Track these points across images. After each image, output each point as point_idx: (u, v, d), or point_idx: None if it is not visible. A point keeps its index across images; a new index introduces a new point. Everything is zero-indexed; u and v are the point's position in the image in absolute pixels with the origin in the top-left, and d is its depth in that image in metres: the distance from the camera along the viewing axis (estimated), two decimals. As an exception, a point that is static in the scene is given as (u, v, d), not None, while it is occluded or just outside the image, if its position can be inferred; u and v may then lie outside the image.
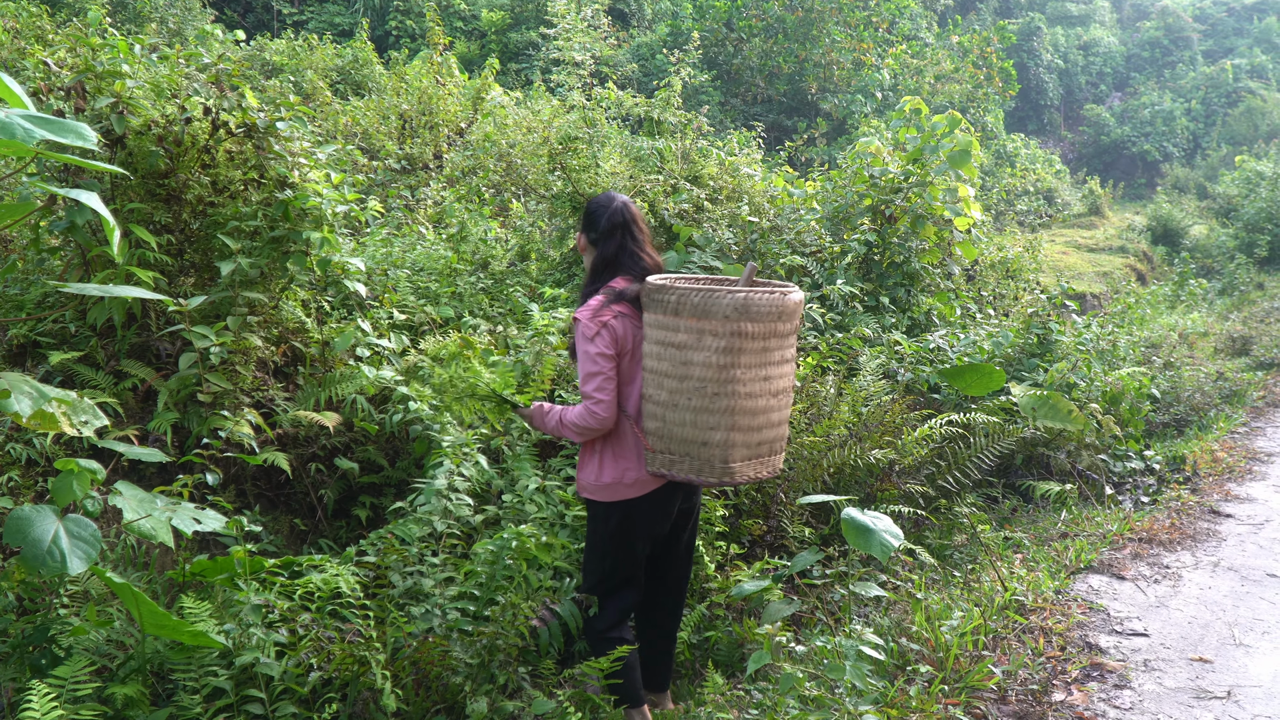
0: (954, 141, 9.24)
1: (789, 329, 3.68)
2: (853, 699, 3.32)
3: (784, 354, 3.71)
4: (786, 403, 3.80)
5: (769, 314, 3.55)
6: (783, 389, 3.74)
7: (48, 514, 2.98)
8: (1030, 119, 39.43)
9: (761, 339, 3.58)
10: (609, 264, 3.93)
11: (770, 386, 3.66)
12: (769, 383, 3.65)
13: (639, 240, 3.95)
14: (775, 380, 3.68)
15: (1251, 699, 3.84)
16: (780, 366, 3.69)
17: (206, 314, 5.12)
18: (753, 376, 3.59)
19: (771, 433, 3.74)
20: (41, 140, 2.28)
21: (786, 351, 3.72)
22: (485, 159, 11.39)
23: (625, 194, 8.62)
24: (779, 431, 3.79)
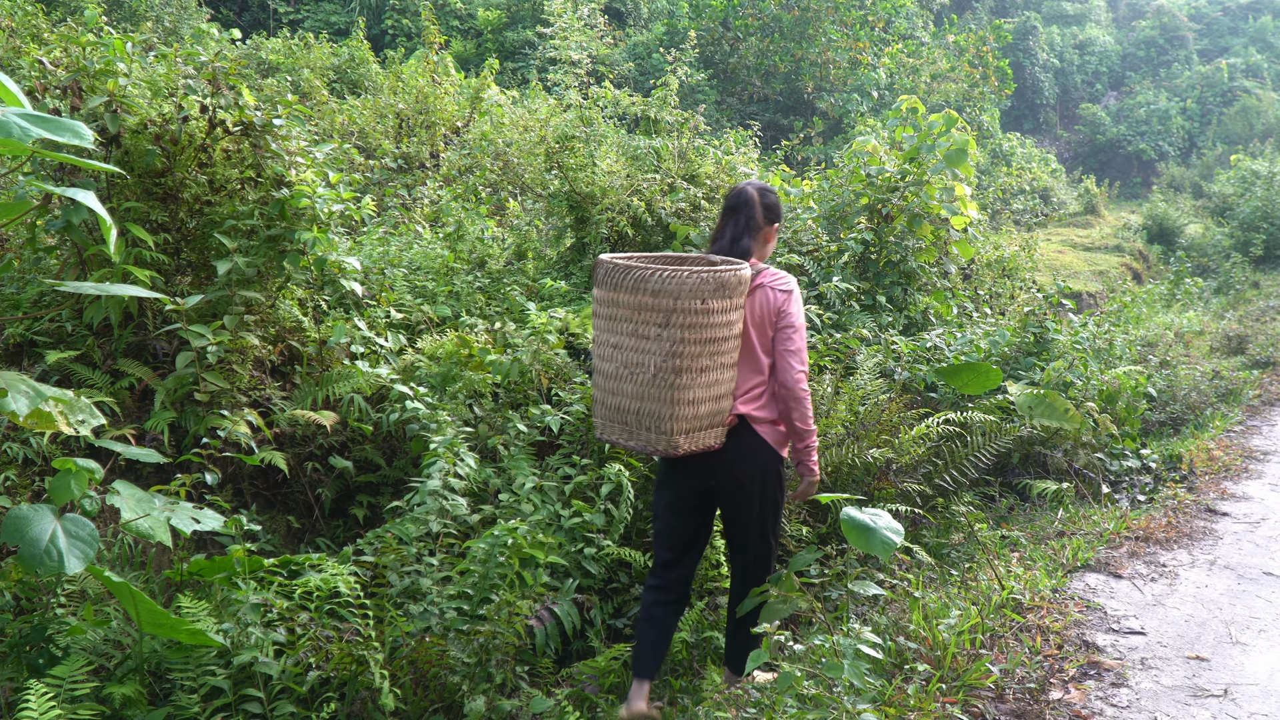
0: (950, 140, 9.24)
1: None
2: (851, 697, 3.32)
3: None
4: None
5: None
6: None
7: (45, 513, 2.98)
8: (1026, 118, 39.47)
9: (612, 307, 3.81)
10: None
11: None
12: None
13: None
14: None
15: (1248, 697, 3.85)
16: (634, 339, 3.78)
17: (203, 313, 5.12)
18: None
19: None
20: (38, 139, 2.28)
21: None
22: (482, 158, 11.38)
23: (622, 193, 8.64)
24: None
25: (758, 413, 3.93)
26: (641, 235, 8.93)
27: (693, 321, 3.64)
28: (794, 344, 3.89)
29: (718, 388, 3.80)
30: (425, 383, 5.71)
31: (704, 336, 3.69)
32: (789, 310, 3.91)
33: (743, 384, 3.93)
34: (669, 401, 3.67)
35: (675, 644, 4.59)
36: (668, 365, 3.65)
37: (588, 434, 5.72)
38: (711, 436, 3.83)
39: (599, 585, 4.98)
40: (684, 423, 3.71)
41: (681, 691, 4.33)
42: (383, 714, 3.55)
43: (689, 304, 3.62)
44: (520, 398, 6.03)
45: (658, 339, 3.67)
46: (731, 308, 3.75)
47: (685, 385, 3.68)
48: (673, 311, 3.62)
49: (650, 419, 3.73)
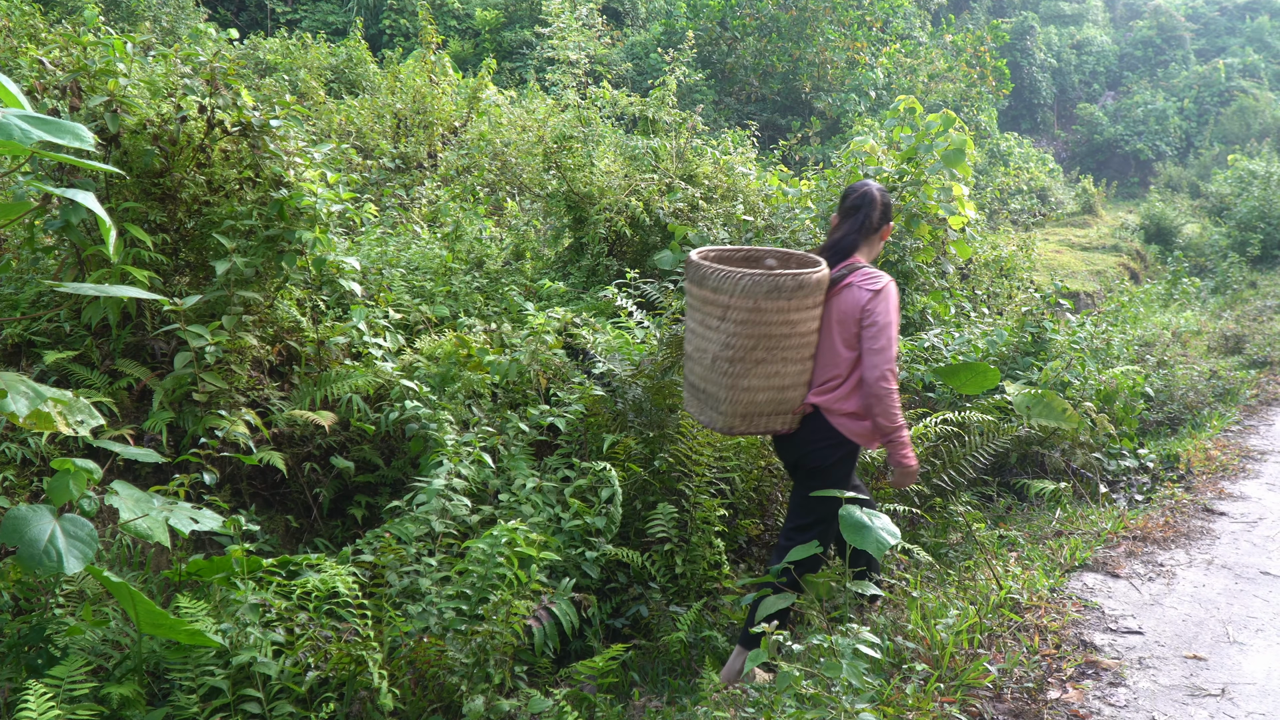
0: (948, 140, 9.24)
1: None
2: (849, 697, 3.32)
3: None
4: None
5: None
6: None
7: (44, 514, 2.98)
8: (1024, 118, 39.50)
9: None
10: None
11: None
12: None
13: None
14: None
15: (1246, 696, 3.86)
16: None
17: (201, 313, 5.12)
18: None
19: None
20: (39, 140, 2.28)
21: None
22: (480, 158, 11.38)
23: (620, 193, 8.64)
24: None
25: (833, 405, 4.14)
26: (639, 235, 8.94)
27: (745, 318, 3.97)
28: (878, 342, 4.04)
29: (779, 379, 4.08)
30: (424, 383, 5.72)
31: (758, 332, 3.99)
32: (874, 309, 4.06)
33: (819, 376, 4.18)
34: (725, 387, 4.06)
35: (673, 643, 4.59)
36: (723, 355, 4.03)
37: (586, 434, 5.72)
38: (777, 422, 4.17)
39: (597, 585, 4.99)
40: (740, 407, 4.07)
41: (680, 691, 4.34)
42: (381, 714, 3.55)
43: (741, 303, 3.95)
44: (519, 398, 6.03)
45: (716, 330, 4.05)
46: (791, 309, 4.00)
47: (740, 374, 4.03)
48: (728, 308, 3.98)
49: (712, 399, 4.14)
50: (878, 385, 4.02)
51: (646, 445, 5.59)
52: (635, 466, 5.39)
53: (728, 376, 4.04)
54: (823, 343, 4.16)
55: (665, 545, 5.10)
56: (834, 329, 4.12)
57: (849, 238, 4.30)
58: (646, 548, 5.19)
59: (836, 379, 4.14)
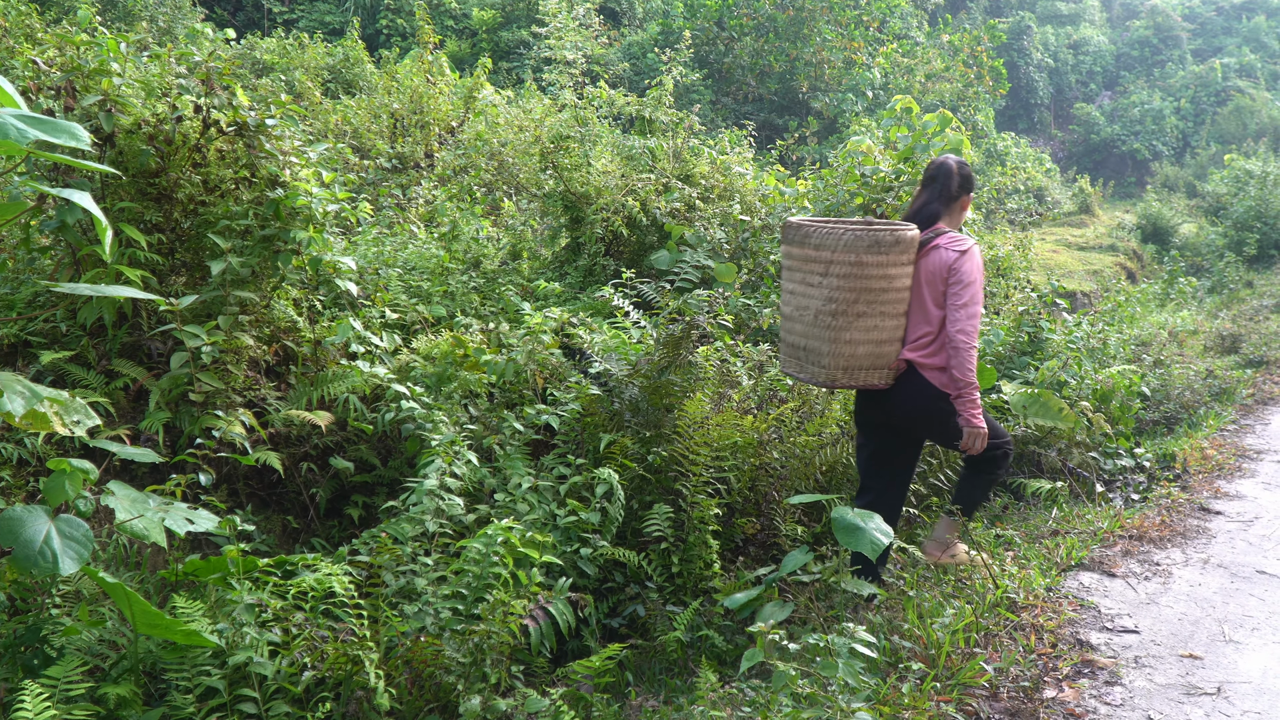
0: (945, 140, 9.24)
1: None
2: (845, 696, 3.32)
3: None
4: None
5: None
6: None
7: (40, 514, 2.98)
8: (1020, 118, 39.51)
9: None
10: None
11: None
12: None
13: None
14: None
15: (1241, 695, 3.86)
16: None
17: (198, 313, 5.11)
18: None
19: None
20: (34, 140, 2.28)
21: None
22: (477, 158, 11.38)
23: (617, 193, 8.64)
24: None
25: (925, 359, 4.43)
26: (636, 235, 8.95)
27: (847, 272, 4.27)
28: (961, 299, 4.33)
29: (877, 333, 4.38)
30: (420, 383, 5.71)
31: (858, 286, 4.30)
32: (960, 268, 4.35)
33: (912, 333, 4.48)
34: (828, 340, 4.36)
35: (670, 643, 4.60)
36: (825, 309, 4.33)
37: (583, 434, 5.72)
38: (875, 376, 4.45)
39: (594, 585, 4.99)
40: (841, 360, 4.38)
41: (677, 691, 4.34)
42: (378, 714, 3.55)
43: (844, 257, 4.26)
44: (515, 397, 6.03)
45: (818, 286, 4.35)
46: (889, 263, 4.30)
47: (842, 327, 4.34)
48: (830, 263, 4.29)
49: (814, 354, 4.44)
50: (957, 338, 4.30)
51: (643, 445, 5.60)
52: (631, 463, 5.39)
53: (830, 330, 4.34)
54: (914, 302, 4.46)
55: (662, 545, 5.10)
56: (924, 288, 4.43)
57: (930, 206, 4.61)
58: (643, 547, 5.19)
59: (928, 335, 4.43)
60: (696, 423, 5.34)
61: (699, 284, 8.13)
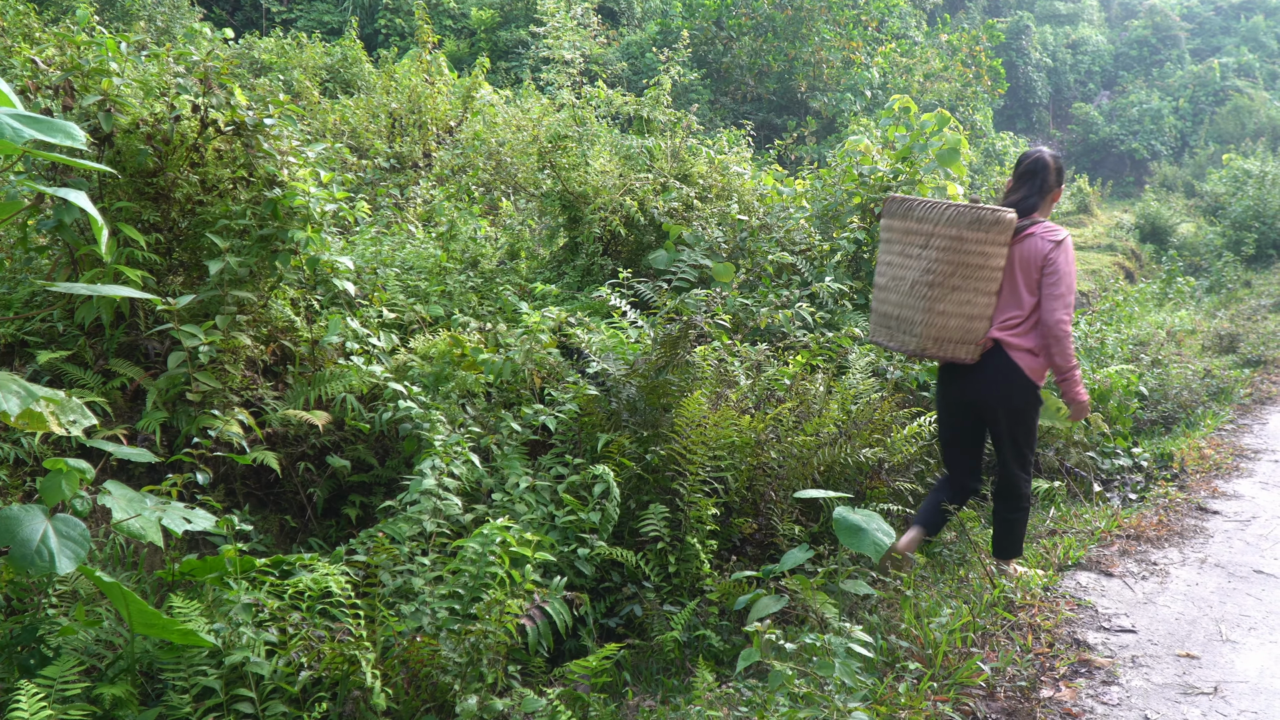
0: (943, 140, 9.24)
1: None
2: (842, 696, 3.32)
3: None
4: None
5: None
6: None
7: (36, 514, 2.98)
8: (1019, 117, 39.52)
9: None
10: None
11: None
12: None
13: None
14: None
15: (1238, 694, 3.87)
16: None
17: (195, 313, 5.11)
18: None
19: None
20: (31, 139, 2.28)
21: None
22: (475, 157, 11.37)
23: (615, 192, 8.64)
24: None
25: (1014, 340, 4.62)
26: (634, 235, 8.95)
27: (947, 245, 4.50)
28: (1057, 289, 4.51)
29: (969, 308, 4.57)
30: (418, 382, 5.71)
31: (956, 260, 4.50)
32: (1055, 258, 4.54)
33: (1001, 313, 4.65)
34: (922, 310, 4.57)
35: (667, 643, 4.60)
36: (923, 280, 4.55)
37: (580, 433, 5.72)
38: (963, 350, 4.62)
39: (591, 585, 4.99)
40: (933, 330, 4.57)
41: (674, 691, 4.34)
42: (374, 713, 3.55)
43: (945, 230, 4.49)
44: (513, 397, 6.03)
45: (917, 257, 4.57)
46: (987, 241, 4.49)
47: (936, 299, 4.55)
48: (931, 235, 4.52)
49: (906, 323, 4.65)
50: (1056, 327, 4.51)
51: (640, 444, 5.59)
52: (628, 462, 5.39)
53: (925, 300, 4.56)
54: (1006, 285, 4.64)
55: (659, 544, 5.10)
56: (1017, 273, 4.61)
57: (1030, 199, 4.75)
58: (640, 547, 5.19)
59: (1017, 318, 4.61)
60: (694, 422, 5.34)
61: (697, 283, 8.12)
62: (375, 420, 5.37)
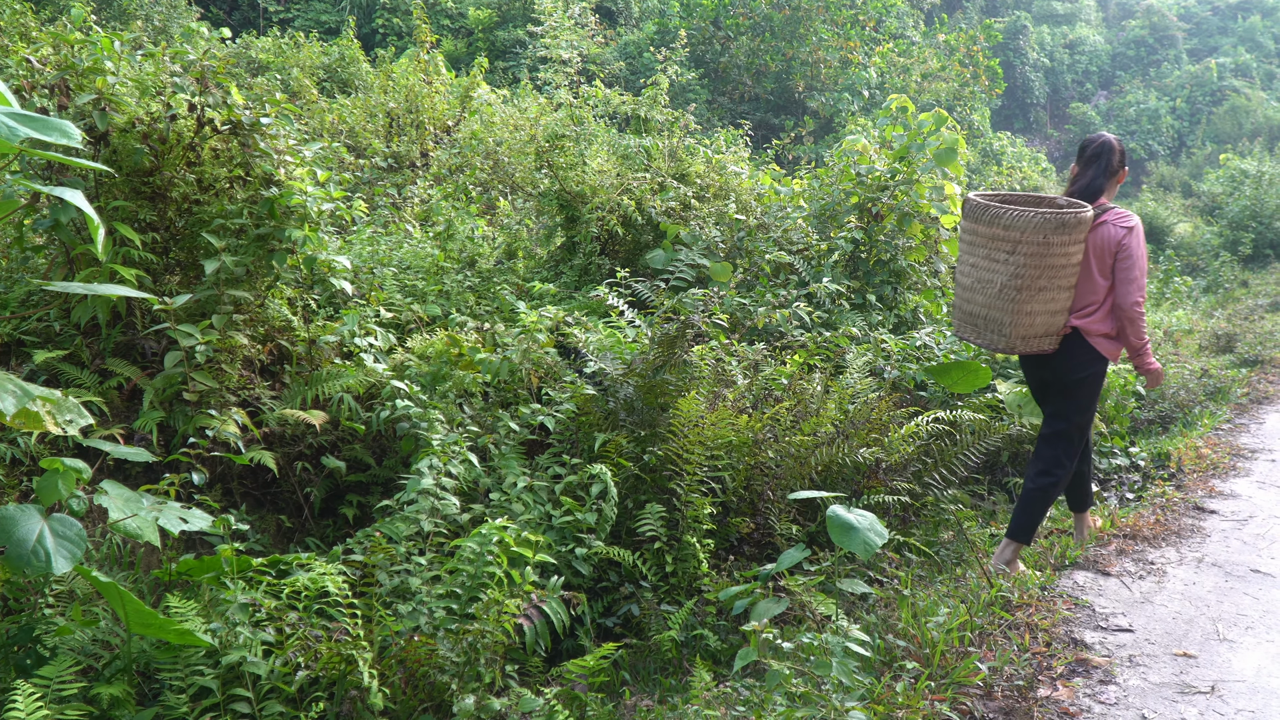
0: (940, 139, 9.24)
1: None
2: (839, 695, 3.32)
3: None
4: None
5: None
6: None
7: (32, 513, 2.97)
8: (1016, 117, 39.57)
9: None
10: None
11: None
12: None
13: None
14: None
15: (1235, 694, 3.87)
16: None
17: (192, 312, 5.10)
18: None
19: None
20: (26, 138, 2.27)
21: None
22: (472, 157, 11.37)
23: (612, 192, 8.64)
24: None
25: (1092, 326, 4.83)
26: (632, 234, 8.94)
27: (1034, 251, 4.64)
28: (1131, 273, 4.72)
29: (1053, 304, 4.77)
30: (415, 382, 5.71)
31: (1043, 264, 4.66)
32: (1128, 244, 4.73)
33: (1079, 301, 4.84)
34: (1010, 312, 4.75)
35: (664, 642, 4.60)
36: (1011, 284, 4.71)
37: (578, 433, 5.72)
38: (1046, 343, 4.85)
39: (588, 584, 4.99)
40: (1021, 329, 4.78)
41: (671, 690, 4.34)
42: (371, 713, 3.55)
43: (1033, 237, 4.61)
44: (510, 397, 6.03)
45: (1005, 263, 4.71)
46: (1070, 242, 4.66)
47: (1024, 300, 4.72)
48: (1019, 243, 4.64)
49: (995, 324, 4.83)
50: (1132, 309, 4.73)
51: (638, 444, 5.59)
52: (626, 461, 5.39)
53: (1014, 303, 4.73)
54: (1082, 273, 4.81)
55: (656, 544, 5.10)
56: (1092, 261, 4.78)
57: (1097, 181, 4.94)
58: (638, 546, 5.19)
59: (1094, 304, 4.81)
60: (691, 422, 5.34)
61: (694, 283, 8.13)
62: (372, 420, 5.37)
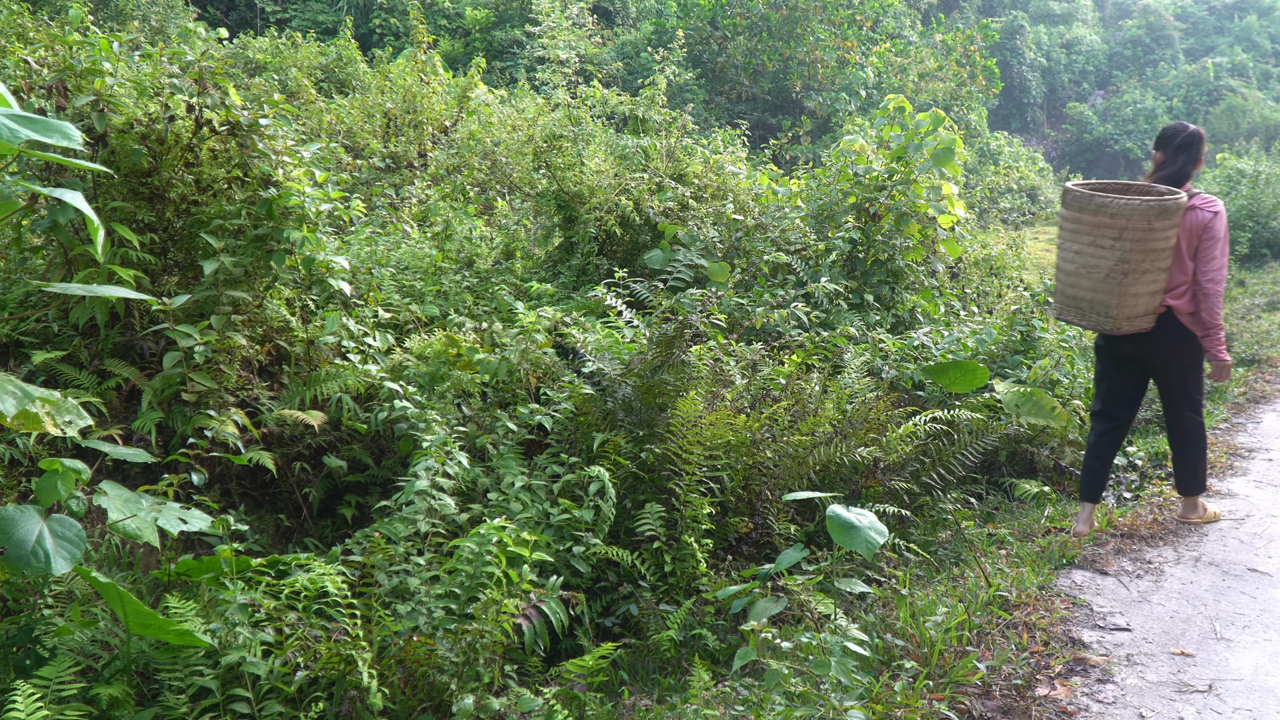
0: (937, 139, 9.26)
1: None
2: (838, 694, 3.33)
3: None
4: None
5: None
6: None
7: (32, 514, 2.97)
8: (1013, 117, 39.59)
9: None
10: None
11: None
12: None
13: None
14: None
15: (1232, 692, 3.87)
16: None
17: (190, 313, 5.10)
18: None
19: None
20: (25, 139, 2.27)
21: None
22: (470, 157, 11.37)
23: (610, 192, 8.64)
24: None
25: (1182, 305, 5.11)
26: (629, 234, 8.95)
27: (1139, 236, 4.94)
28: (1212, 253, 5.03)
29: (1153, 285, 5.08)
30: (414, 382, 5.71)
31: (1146, 248, 4.96)
32: (1214, 226, 5.04)
33: (1172, 282, 5.11)
34: (1116, 295, 5.05)
35: (663, 642, 4.60)
36: (1117, 269, 5.01)
37: (576, 433, 5.72)
38: (1145, 322, 5.16)
39: (587, 584, 4.99)
40: (1126, 310, 5.08)
41: (670, 690, 4.35)
42: (371, 713, 3.55)
43: (1138, 224, 4.92)
44: (508, 397, 6.03)
45: (1110, 249, 5.02)
46: (1169, 226, 4.97)
47: (1130, 283, 5.03)
48: (1125, 229, 4.95)
49: (1101, 306, 5.14)
50: (1208, 286, 5.01)
51: (636, 444, 5.60)
52: (624, 461, 5.39)
53: (1120, 286, 5.03)
54: (1175, 255, 5.08)
55: (654, 544, 5.11)
56: (1182, 244, 5.05)
57: (1185, 169, 5.23)
58: (636, 546, 5.19)
59: (1183, 284, 5.09)
60: (689, 422, 5.35)
61: (692, 283, 8.13)
62: (371, 420, 5.37)
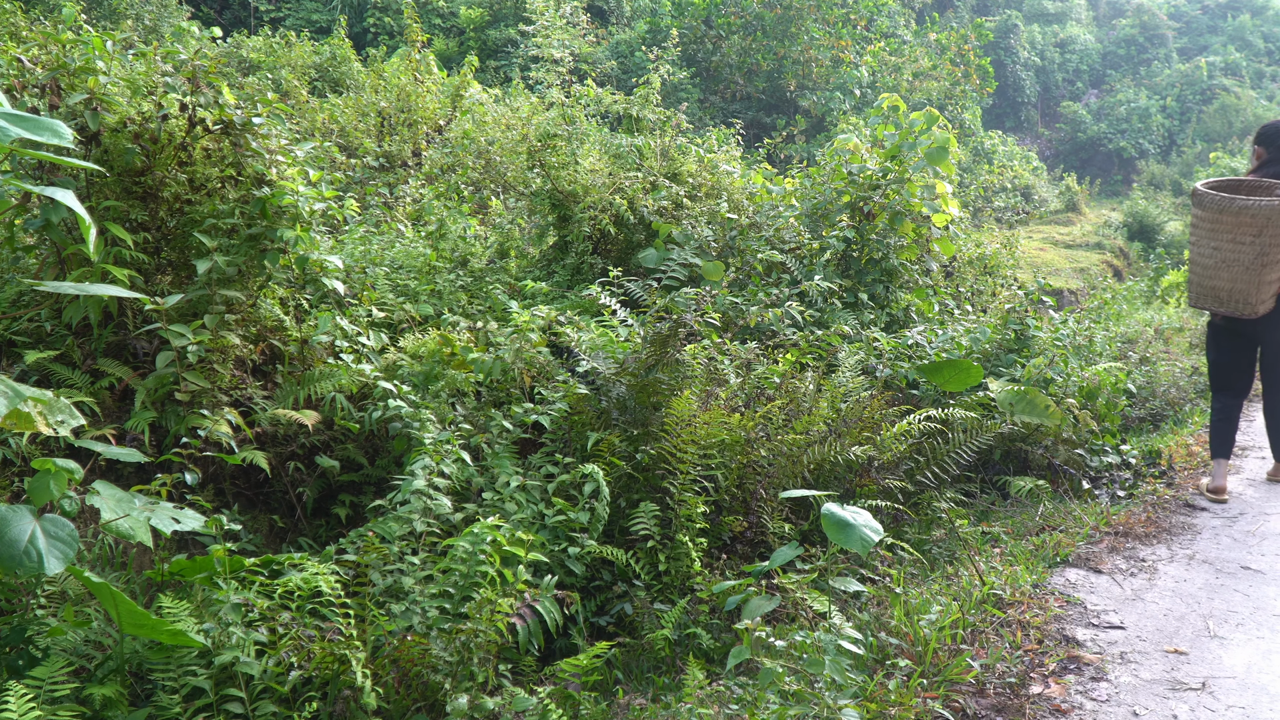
0: (932, 138, 9.27)
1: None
2: (832, 693, 3.33)
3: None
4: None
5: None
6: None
7: (24, 514, 2.96)
8: (1007, 116, 39.63)
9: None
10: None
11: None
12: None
13: None
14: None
15: (1226, 690, 3.88)
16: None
17: (184, 312, 5.09)
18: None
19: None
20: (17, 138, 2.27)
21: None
22: (464, 156, 11.36)
23: (604, 191, 8.64)
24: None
25: None
26: (624, 233, 8.95)
27: (1276, 232, 5.68)
28: None
29: (1277, 272, 5.78)
30: (408, 381, 5.70)
31: (1278, 240, 5.68)
32: None
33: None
34: (1255, 285, 5.82)
35: (658, 641, 4.60)
36: (1257, 262, 5.77)
37: (570, 432, 5.72)
38: (1270, 304, 5.91)
39: (582, 583, 4.99)
40: (1263, 296, 5.86)
41: (664, 689, 4.35)
42: (365, 713, 3.54)
43: (1278, 221, 5.65)
44: (503, 396, 6.03)
45: (1250, 244, 5.77)
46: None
47: (1266, 273, 5.79)
48: (1265, 227, 5.70)
49: (1240, 295, 5.90)
50: None
51: (631, 443, 5.60)
52: (619, 460, 5.39)
53: (1259, 276, 5.78)
54: None
55: (649, 543, 5.11)
56: None
57: None
58: (631, 545, 5.19)
59: None
60: (684, 421, 5.35)
61: (686, 282, 8.13)
62: (365, 419, 5.36)
